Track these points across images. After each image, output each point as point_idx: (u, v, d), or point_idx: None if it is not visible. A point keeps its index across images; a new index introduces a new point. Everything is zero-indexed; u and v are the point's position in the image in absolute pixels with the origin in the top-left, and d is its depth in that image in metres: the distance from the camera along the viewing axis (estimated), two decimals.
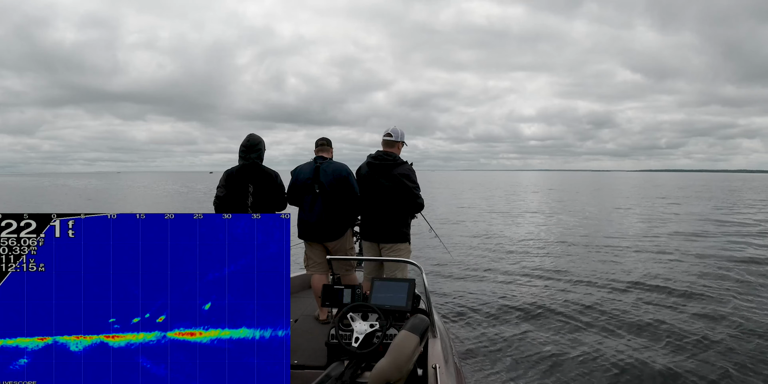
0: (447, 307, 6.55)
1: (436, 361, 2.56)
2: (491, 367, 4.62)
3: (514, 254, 11.05)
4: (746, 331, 5.58)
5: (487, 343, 5.22)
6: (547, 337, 5.41)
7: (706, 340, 5.32)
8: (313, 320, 3.92)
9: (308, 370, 2.86)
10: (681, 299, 6.99)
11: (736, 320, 5.97)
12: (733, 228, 15.74)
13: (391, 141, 4.13)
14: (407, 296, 2.86)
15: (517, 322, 5.99)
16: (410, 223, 4.20)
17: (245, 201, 3.90)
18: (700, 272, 8.80)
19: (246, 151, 3.97)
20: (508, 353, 4.96)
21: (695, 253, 10.90)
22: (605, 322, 5.94)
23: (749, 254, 10.71)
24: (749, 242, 12.61)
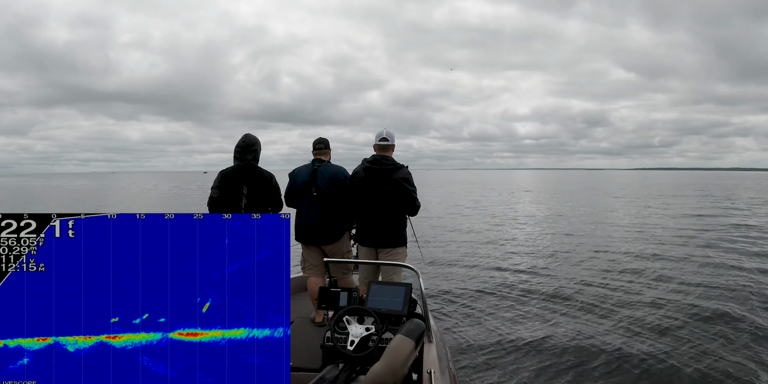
0: (443, 311, 6.55)
1: (431, 366, 2.56)
2: (486, 372, 4.63)
3: (513, 258, 11.00)
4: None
5: (483, 349, 5.22)
6: (544, 343, 5.40)
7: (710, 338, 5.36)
8: (309, 323, 3.93)
9: (303, 372, 2.85)
10: (687, 299, 7.00)
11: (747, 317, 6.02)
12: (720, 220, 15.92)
13: (387, 145, 4.11)
14: (404, 300, 2.85)
15: (514, 327, 5.97)
16: (406, 227, 4.20)
17: (239, 202, 3.87)
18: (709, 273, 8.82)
19: (241, 152, 3.94)
20: (503, 359, 4.96)
21: (701, 255, 10.98)
22: (603, 328, 5.91)
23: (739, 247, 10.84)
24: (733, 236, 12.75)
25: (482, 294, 7.53)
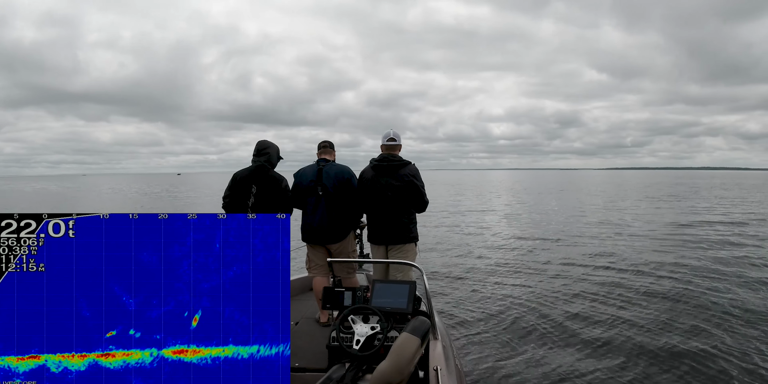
0: (448, 308, 6.51)
1: (438, 363, 2.56)
2: (492, 368, 4.62)
3: (516, 255, 10.87)
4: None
5: (488, 345, 5.21)
6: (549, 339, 5.38)
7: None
8: (314, 323, 3.91)
9: (309, 372, 2.85)
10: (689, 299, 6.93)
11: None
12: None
13: (394, 145, 4.19)
14: (408, 298, 2.86)
15: (519, 323, 5.93)
16: (416, 223, 4.22)
17: (246, 201, 3.98)
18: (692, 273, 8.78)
19: (256, 155, 4.13)
20: (509, 355, 4.95)
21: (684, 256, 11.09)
22: (609, 324, 5.87)
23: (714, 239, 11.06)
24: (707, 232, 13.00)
25: (487, 291, 7.49)
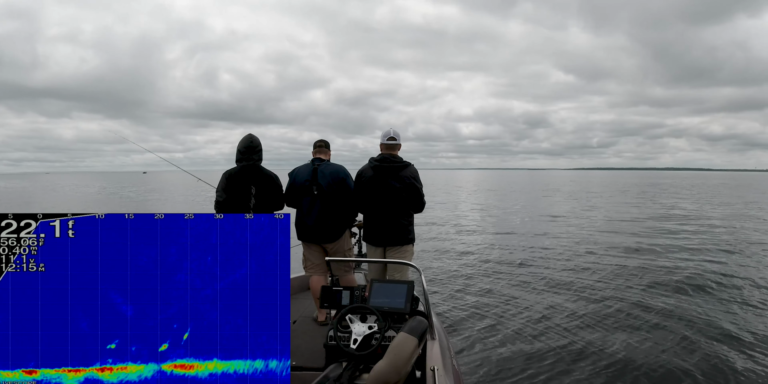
0: (445, 308, 6.51)
1: (435, 363, 2.56)
2: (490, 369, 4.63)
3: (513, 256, 10.87)
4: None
5: (486, 345, 5.22)
6: (546, 339, 5.40)
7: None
8: (311, 322, 3.91)
9: (306, 371, 2.85)
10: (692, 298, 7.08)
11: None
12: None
13: (394, 144, 4.15)
14: (406, 298, 2.86)
15: (516, 324, 5.95)
16: (414, 224, 4.22)
17: (248, 203, 3.84)
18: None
19: (247, 152, 3.92)
20: (506, 355, 4.95)
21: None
22: (609, 323, 5.91)
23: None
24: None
25: (485, 291, 7.51)
